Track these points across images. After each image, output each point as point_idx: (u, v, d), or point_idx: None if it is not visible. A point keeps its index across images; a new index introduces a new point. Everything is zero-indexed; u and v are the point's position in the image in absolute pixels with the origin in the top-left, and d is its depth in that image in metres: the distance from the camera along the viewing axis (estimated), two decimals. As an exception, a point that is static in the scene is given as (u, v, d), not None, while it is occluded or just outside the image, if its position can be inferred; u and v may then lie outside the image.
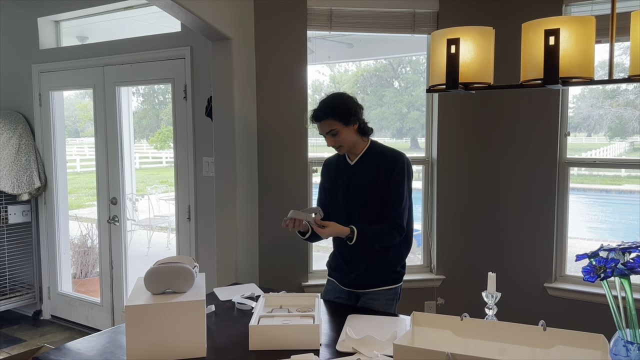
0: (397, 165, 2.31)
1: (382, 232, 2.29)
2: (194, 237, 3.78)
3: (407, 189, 2.34)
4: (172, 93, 3.78)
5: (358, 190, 2.36)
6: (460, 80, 1.58)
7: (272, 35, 3.30)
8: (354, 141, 2.35)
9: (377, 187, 2.31)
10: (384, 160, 2.34)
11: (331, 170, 2.50)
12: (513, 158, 3.47)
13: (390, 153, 2.37)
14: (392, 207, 2.30)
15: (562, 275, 3.43)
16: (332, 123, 2.28)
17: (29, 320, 4.65)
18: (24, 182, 4.36)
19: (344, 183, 2.41)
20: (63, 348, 1.93)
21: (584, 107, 10.00)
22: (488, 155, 3.54)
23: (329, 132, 2.30)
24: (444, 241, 3.62)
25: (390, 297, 2.41)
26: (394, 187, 2.30)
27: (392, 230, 2.30)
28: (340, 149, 2.37)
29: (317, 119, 2.32)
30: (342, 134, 2.30)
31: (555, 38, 1.45)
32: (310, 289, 3.44)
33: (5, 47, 4.68)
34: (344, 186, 2.41)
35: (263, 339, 1.88)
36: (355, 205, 2.36)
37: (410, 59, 6.61)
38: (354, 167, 2.39)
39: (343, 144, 2.33)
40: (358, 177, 2.37)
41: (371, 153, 2.38)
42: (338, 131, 2.30)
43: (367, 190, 2.33)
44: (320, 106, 2.33)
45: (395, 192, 2.30)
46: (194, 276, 1.92)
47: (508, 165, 3.49)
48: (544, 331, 1.50)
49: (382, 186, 2.31)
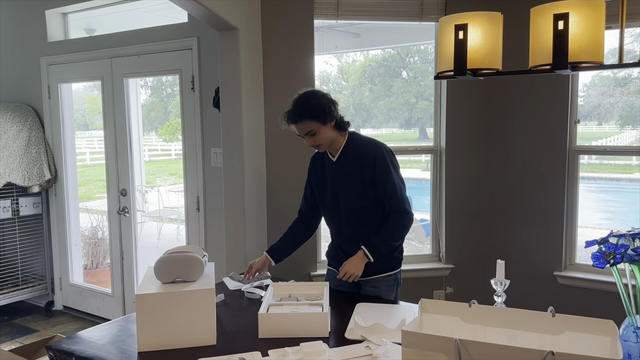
0: (377, 159, 2.30)
1: (393, 230, 2.32)
2: (203, 227, 3.80)
3: (396, 176, 2.34)
4: (180, 84, 3.78)
5: (345, 187, 2.37)
6: (469, 67, 1.57)
7: (279, 25, 3.29)
8: (332, 138, 2.33)
9: (362, 181, 2.32)
10: (362, 155, 2.33)
11: (317, 166, 2.50)
12: (522, 146, 3.44)
13: (368, 145, 2.35)
14: (390, 199, 2.31)
15: (571, 263, 3.42)
16: (309, 124, 2.26)
17: (41, 311, 4.71)
18: (34, 174, 4.40)
19: (330, 181, 2.42)
20: (75, 337, 1.95)
21: (594, 95, 9.89)
22: (497, 143, 3.52)
23: (307, 133, 2.28)
24: (452, 230, 3.61)
25: (390, 283, 2.43)
26: (384, 181, 2.30)
27: (400, 220, 2.33)
28: (320, 147, 2.35)
29: (293, 121, 2.29)
30: (320, 133, 2.28)
31: (565, 22, 1.43)
32: (319, 278, 3.45)
33: (14, 40, 4.70)
34: (330, 183, 2.42)
35: (272, 327, 1.89)
36: (342, 201, 2.38)
37: (418, 49, 6.57)
38: (336, 163, 2.39)
39: (322, 143, 2.32)
40: (341, 173, 2.37)
41: (350, 148, 2.37)
42: (316, 131, 2.27)
43: (353, 184, 2.34)
44: (295, 108, 2.28)
45: (387, 184, 2.30)
46: (203, 265, 1.93)
47: (517, 154, 3.46)
48: (553, 317, 1.50)
49: (370, 182, 2.31)
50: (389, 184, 2.30)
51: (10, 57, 4.75)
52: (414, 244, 6.16)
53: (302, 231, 2.60)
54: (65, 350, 1.84)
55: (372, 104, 11.00)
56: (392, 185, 2.30)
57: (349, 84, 11.68)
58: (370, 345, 1.78)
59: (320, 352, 1.72)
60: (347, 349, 1.78)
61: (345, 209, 2.38)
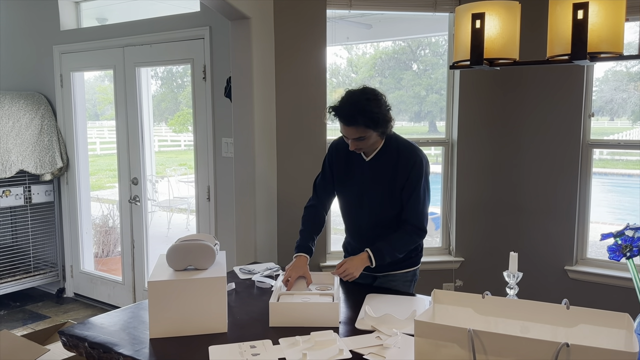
0: (415, 166, 2.19)
1: (402, 242, 2.24)
2: (214, 217, 3.81)
3: (425, 189, 2.24)
4: (192, 74, 3.78)
5: (374, 190, 2.25)
6: (485, 56, 1.55)
7: (291, 14, 3.27)
8: (375, 141, 2.20)
9: (393, 186, 2.22)
10: (401, 159, 2.20)
11: (341, 159, 2.33)
12: (535, 139, 3.42)
13: (407, 152, 2.21)
14: (411, 210, 2.22)
15: (583, 258, 3.40)
16: (363, 130, 2.07)
17: (52, 298, 4.76)
18: (46, 162, 4.42)
19: (358, 180, 2.29)
20: (87, 322, 1.97)
21: (607, 90, 9.79)
22: (509, 136, 3.49)
23: (356, 138, 2.10)
24: (463, 223, 3.60)
25: (407, 279, 2.40)
26: (413, 190, 2.20)
27: (412, 235, 2.24)
28: (360, 151, 2.21)
29: (344, 122, 2.08)
30: (368, 140, 2.12)
31: (584, 12, 1.41)
32: (329, 269, 3.45)
33: (27, 29, 4.72)
34: (358, 183, 2.29)
35: (283, 316, 1.90)
36: (366, 202, 2.28)
37: (429, 41, 6.52)
38: (369, 163, 2.25)
39: (365, 148, 2.18)
40: (374, 175, 2.24)
41: (388, 149, 2.23)
42: (366, 137, 2.10)
43: (383, 189, 2.23)
44: (354, 110, 2.05)
45: (412, 195, 2.20)
46: (215, 253, 1.93)
47: (530, 146, 3.44)
48: (567, 310, 1.49)
49: (400, 188, 2.21)
50: (415, 196, 2.20)
51: (23, 45, 4.77)
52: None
53: (320, 219, 2.41)
54: (77, 335, 1.85)
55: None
56: (417, 197, 2.20)
57: (359, 76, 11.61)
58: (381, 336, 1.78)
59: (330, 341, 1.73)
60: (358, 339, 1.78)
61: (369, 210, 2.28)
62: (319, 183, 2.44)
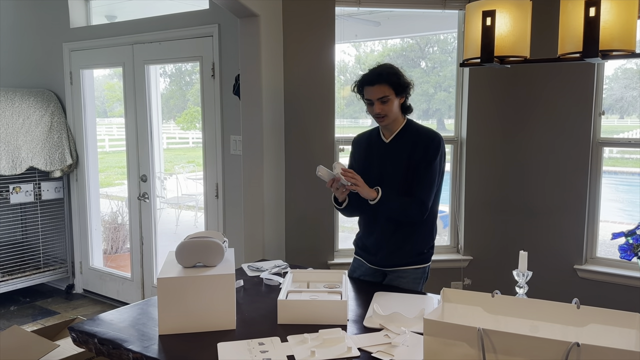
0: (432, 145, 2.27)
1: (404, 205, 2.25)
2: (222, 214, 3.82)
3: (439, 171, 2.29)
4: (200, 71, 3.79)
5: (393, 169, 2.31)
6: (496, 54, 1.54)
7: (300, 12, 3.27)
8: (397, 114, 2.30)
9: (411, 165, 2.27)
10: (419, 139, 2.29)
11: (362, 148, 2.44)
12: (545, 138, 3.39)
13: (426, 132, 2.32)
14: (421, 186, 2.25)
15: (592, 257, 3.37)
16: (385, 89, 2.22)
17: (61, 294, 4.79)
18: (56, 159, 4.45)
19: (377, 161, 2.36)
20: (97, 319, 1.98)
21: (617, 88, 9.70)
22: (519, 134, 3.47)
23: (379, 99, 2.23)
24: (471, 222, 3.58)
25: (418, 276, 2.39)
26: (426, 167, 2.26)
27: (415, 207, 2.25)
28: (384, 119, 2.28)
29: (369, 83, 2.24)
30: (390, 103, 2.24)
31: (596, 9, 1.40)
32: (336, 267, 3.45)
33: (37, 27, 4.75)
34: (377, 164, 2.35)
35: (291, 313, 1.90)
36: (387, 181, 2.30)
37: (438, 38, 6.50)
38: (389, 145, 2.34)
39: (389, 114, 2.26)
40: (393, 155, 2.32)
41: (407, 131, 2.33)
42: (389, 99, 2.23)
43: (402, 169, 2.28)
44: (376, 71, 2.25)
45: (426, 172, 2.26)
46: (223, 250, 1.94)
47: (539, 145, 3.42)
48: (577, 309, 1.48)
49: (414, 165, 2.26)
50: (427, 174, 2.26)
51: (34, 43, 4.80)
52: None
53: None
54: (87, 331, 1.86)
55: (391, 94, 10.90)
56: (429, 176, 2.26)
57: (367, 74, 11.55)
58: (389, 334, 1.78)
59: (339, 339, 1.73)
60: (366, 337, 1.78)
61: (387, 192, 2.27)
62: None
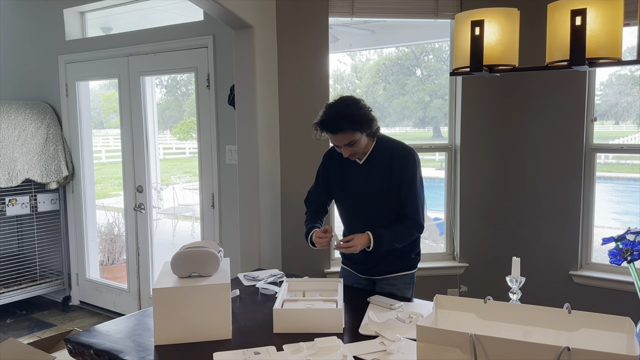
0: (409, 164, 2.25)
1: (402, 233, 2.28)
2: (218, 224, 3.83)
3: (420, 185, 2.30)
4: (195, 82, 3.81)
5: (370, 191, 2.30)
6: (485, 63, 1.56)
7: (294, 22, 3.30)
8: (366, 145, 2.26)
9: (389, 185, 2.26)
10: (394, 158, 2.26)
11: (335, 164, 2.40)
12: (538, 144, 3.42)
13: (398, 149, 2.28)
14: (410, 207, 2.27)
15: (587, 262, 3.39)
16: (350, 135, 2.15)
17: (58, 306, 4.77)
18: (52, 171, 4.46)
19: (352, 181, 2.34)
20: (93, 330, 1.98)
21: (611, 94, 9.76)
22: (512, 141, 3.50)
23: (346, 145, 2.18)
24: (467, 229, 3.60)
25: (407, 282, 2.42)
26: (408, 187, 2.25)
27: (412, 230, 2.29)
28: (355, 156, 2.26)
29: (333, 131, 2.15)
30: (359, 143, 2.19)
31: (582, 18, 1.42)
32: (332, 276, 3.45)
33: (33, 39, 4.77)
34: (353, 183, 2.33)
35: (287, 322, 1.91)
36: (366, 204, 2.32)
37: (432, 47, 6.54)
38: (363, 166, 2.31)
39: (358, 151, 2.23)
40: (369, 175, 2.30)
41: (379, 151, 2.29)
42: (356, 141, 2.17)
43: (379, 190, 2.28)
44: (336, 117, 2.14)
45: (410, 191, 2.26)
46: (219, 260, 1.95)
47: (533, 152, 3.44)
48: (569, 314, 1.49)
49: (396, 187, 2.26)
50: (412, 193, 2.26)
51: (29, 55, 4.82)
52: (428, 243, 6.14)
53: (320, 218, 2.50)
54: (83, 343, 1.87)
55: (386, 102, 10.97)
56: (414, 195, 2.26)
57: (363, 82, 11.64)
58: (385, 341, 1.79)
59: (334, 347, 1.73)
60: (362, 345, 1.79)
61: (367, 212, 2.31)
62: (313, 192, 2.53)
